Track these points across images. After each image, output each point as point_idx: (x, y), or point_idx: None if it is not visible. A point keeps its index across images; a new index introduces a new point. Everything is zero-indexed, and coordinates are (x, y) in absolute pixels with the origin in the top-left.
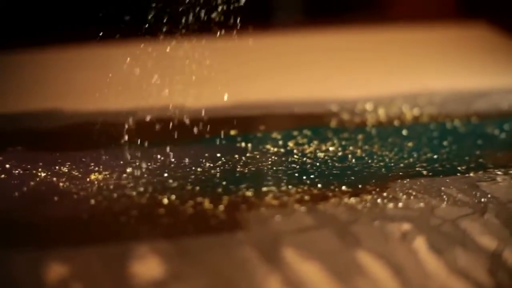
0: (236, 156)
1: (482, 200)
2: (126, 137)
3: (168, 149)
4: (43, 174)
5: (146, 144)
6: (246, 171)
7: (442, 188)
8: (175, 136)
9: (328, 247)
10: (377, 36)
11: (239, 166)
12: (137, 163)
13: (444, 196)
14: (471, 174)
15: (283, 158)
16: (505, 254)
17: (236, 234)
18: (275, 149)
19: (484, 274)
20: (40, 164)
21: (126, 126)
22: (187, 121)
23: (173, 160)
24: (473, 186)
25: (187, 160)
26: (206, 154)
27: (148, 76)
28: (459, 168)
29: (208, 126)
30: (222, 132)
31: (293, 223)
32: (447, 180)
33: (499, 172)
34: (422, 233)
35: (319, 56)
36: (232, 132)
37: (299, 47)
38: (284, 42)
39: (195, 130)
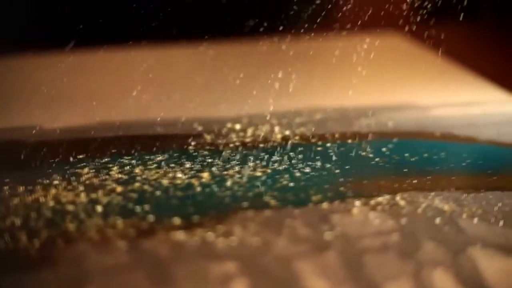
0: (72, 184)
1: (328, 235)
2: None
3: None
4: None
5: None
6: (76, 200)
7: (287, 221)
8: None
9: None
10: (253, 49)
11: (69, 196)
12: None
13: (286, 231)
14: (325, 205)
15: (122, 187)
16: None
17: (42, 273)
18: (117, 176)
19: None
20: None
21: None
22: (38, 144)
23: (5, 188)
24: (323, 218)
25: (20, 189)
26: (40, 180)
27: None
28: (313, 197)
29: (52, 150)
30: (62, 157)
31: (108, 261)
32: (296, 212)
33: (357, 203)
34: (246, 275)
35: (182, 72)
36: (80, 157)
37: (159, 62)
38: (144, 57)
39: (39, 154)
